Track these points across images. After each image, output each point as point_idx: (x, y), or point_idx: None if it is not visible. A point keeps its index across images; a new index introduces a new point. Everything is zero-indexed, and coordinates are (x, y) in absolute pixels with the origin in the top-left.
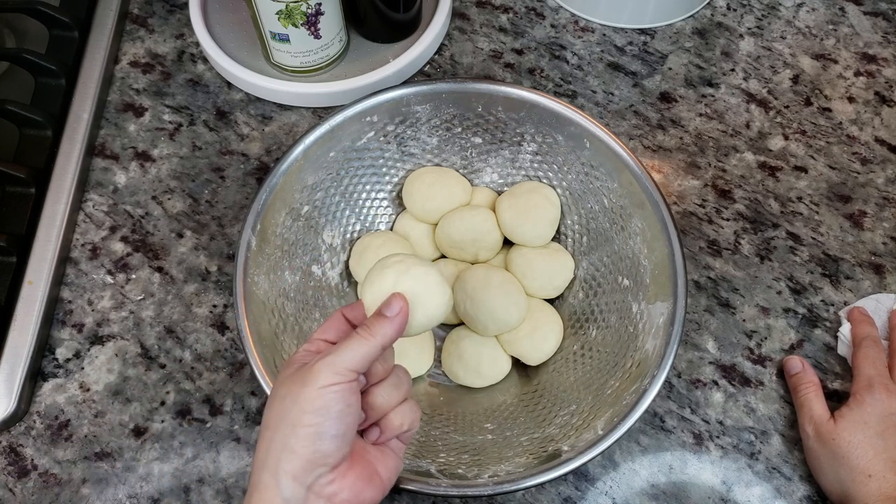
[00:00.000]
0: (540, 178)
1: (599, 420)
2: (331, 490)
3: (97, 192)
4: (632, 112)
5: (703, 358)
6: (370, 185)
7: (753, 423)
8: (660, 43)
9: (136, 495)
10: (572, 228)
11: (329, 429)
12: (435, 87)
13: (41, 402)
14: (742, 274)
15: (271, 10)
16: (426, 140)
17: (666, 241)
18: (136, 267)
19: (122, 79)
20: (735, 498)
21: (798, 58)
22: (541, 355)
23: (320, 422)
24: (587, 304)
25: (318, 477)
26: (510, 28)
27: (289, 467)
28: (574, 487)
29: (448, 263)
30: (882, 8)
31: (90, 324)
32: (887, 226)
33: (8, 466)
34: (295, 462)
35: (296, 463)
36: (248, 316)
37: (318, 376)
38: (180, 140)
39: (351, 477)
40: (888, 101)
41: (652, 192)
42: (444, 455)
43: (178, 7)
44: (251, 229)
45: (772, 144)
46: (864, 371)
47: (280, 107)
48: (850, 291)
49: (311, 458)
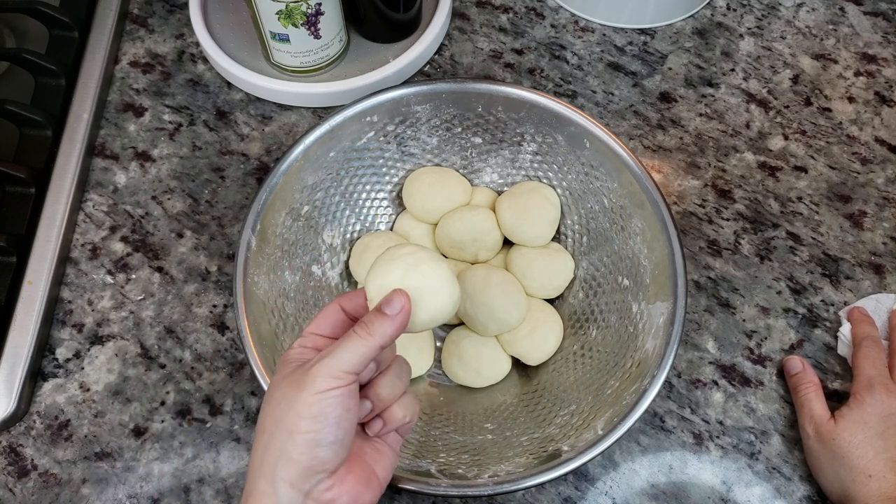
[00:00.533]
0: (540, 178)
1: (599, 420)
2: (329, 496)
3: (97, 192)
4: (632, 112)
5: (703, 358)
6: (370, 185)
7: (753, 423)
8: (660, 43)
9: (136, 495)
10: (572, 228)
11: (327, 435)
12: (435, 87)
13: (41, 402)
14: (742, 274)
15: (271, 10)
16: (426, 140)
17: (666, 241)
18: (136, 267)
19: (122, 79)
20: (735, 498)
21: (798, 58)
22: (541, 355)
23: (318, 429)
24: (587, 304)
25: (316, 483)
26: (510, 28)
27: (286, 475)
28: (574, 487)
29: (448, 263)
30: (882, 8)
31: (90, 324)
32: (887, 226)
33: (8, 466)
34: (292, 469)
35: (293, 470)
36: (248, 316)
37: (315, 380)
38: (180, 140)
39: (349, 481)
40: (888, 101)
41: (652, 192)
42: (444, 455)
43: (178, 7)
44: (251, 229)
45: (772, 144)
46: (865, 371)
47: (280, 107)
48: (850, 291)
49: (308, 465)
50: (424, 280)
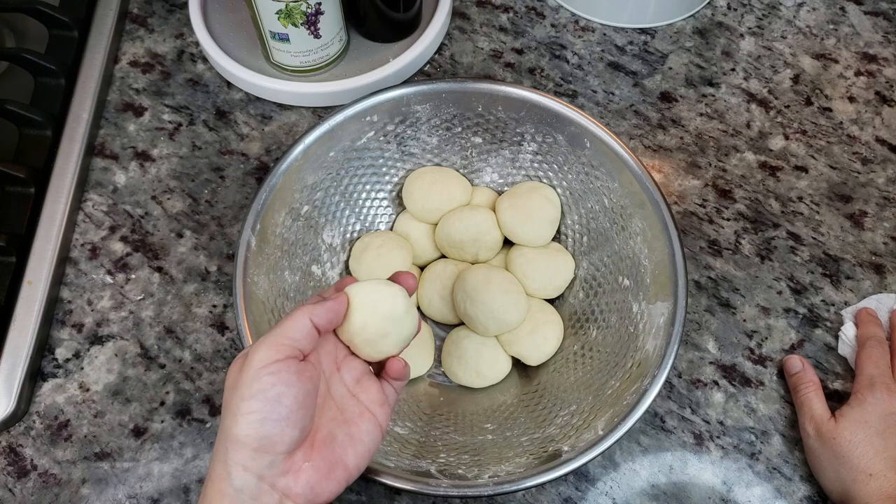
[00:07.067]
0: (540, 177)
1: (600, 420)
2: (284, 483)
3: (97, 192)
4: (632, 112)
5: (704, 358)
6: (370, 185)
7: (754, 424)
8: (660, 42)
9: (136, 495)
10: (572, 228)
11: (270, 413)
12: (435, 87)
13: (41, 402)
14: (742, 274)
15: (271, 10)
16: (426, 140)
17: (666, 241)
18: (136, 267)
19: (121, 78)
20: (735, 498)
21: (798, 57)
22: (541, 355)
23: (259, 408)
24: (587, 304)
25: (268, 466)
26: (510, 28)
27: (237, 458)
28: (574, 488)
29: (448, 263)
30: (882, 7)
31: (90, 324)
32: (888, 226)
33: (7, 466)
34: (242, 452)
35: (243, 453)
36: (248, 316)
37: (254, 356)
38: (180, 140)
39: (307, 469)
40: (889, 100)
41: (652, 192)
42: (444, 455)
43: (177, 7)
44: (251, 229)
45: (772, 144)
46: (867, 370)
47: (280, 106)
48: (850, 291)
49: (256, 446)
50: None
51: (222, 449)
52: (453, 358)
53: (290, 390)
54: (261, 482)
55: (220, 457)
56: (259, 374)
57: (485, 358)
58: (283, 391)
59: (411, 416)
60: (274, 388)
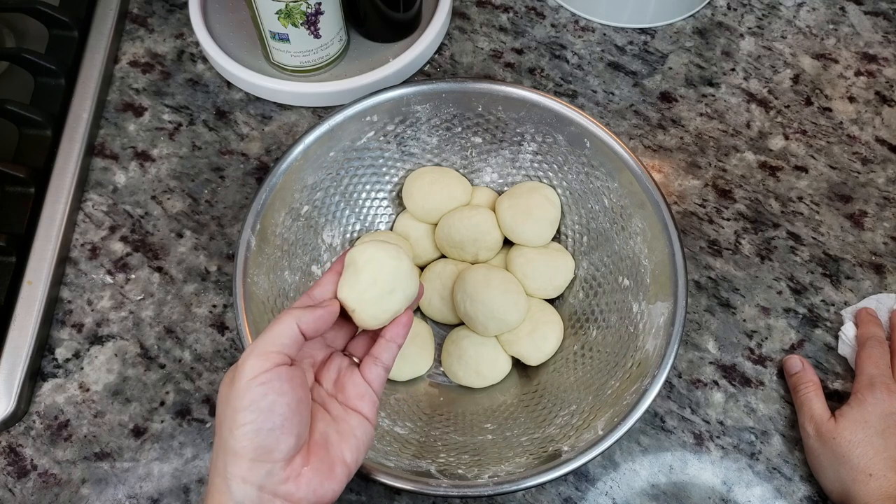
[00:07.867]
0: (540, 177)
1: (600, 420)
2: (285, 490)
3: (97, 192)
4: (632, 112)
5: (704, 358)
6: (370, 185)
7: (754, 424)
8: (660, 42)
9: (136, 495)
10: (572, 228)
11: (264, 423)
12: (435, 87)
13: (41, 402)
14: (742, 274)
15: (271, 10)
16: (426, 140)
17: (666, 241)
18: (136, 267)
19: (121, 78)
20: (735, 498)
21: (798, 57)
22: (541, 355)
23: (253, 419)
24: (587, 304)
25: (268, 475)
26: (510, 27)
27: (235, 470)
28: (574, 488)
29: (448, 263)
30: (882, 7)
31: (90, 324)
32: (888, 226)
33: (7, 466)
34: (240, 464)
35: (241, 465)
36: (248, 316)
37: (244, 368)
38: (180, 140)
39: (307, 474)
40: (889, 100)
41: (652, 192)
42: (444, 455)
43: (177, 7)
44: (251, 229)
45: (772, 144)
46: (867, 370)
47: (280, 106)
48: (850, 291)
49: (253, 457)
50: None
51: (220, 462)
52: (453, 358)
53: (282, 398)
54: (261, 492)
55: (219, 470)
56: (250, 385)
57: (485, 358)
58: (276, 400)
59: (411, 416)
60: (266, 398)
